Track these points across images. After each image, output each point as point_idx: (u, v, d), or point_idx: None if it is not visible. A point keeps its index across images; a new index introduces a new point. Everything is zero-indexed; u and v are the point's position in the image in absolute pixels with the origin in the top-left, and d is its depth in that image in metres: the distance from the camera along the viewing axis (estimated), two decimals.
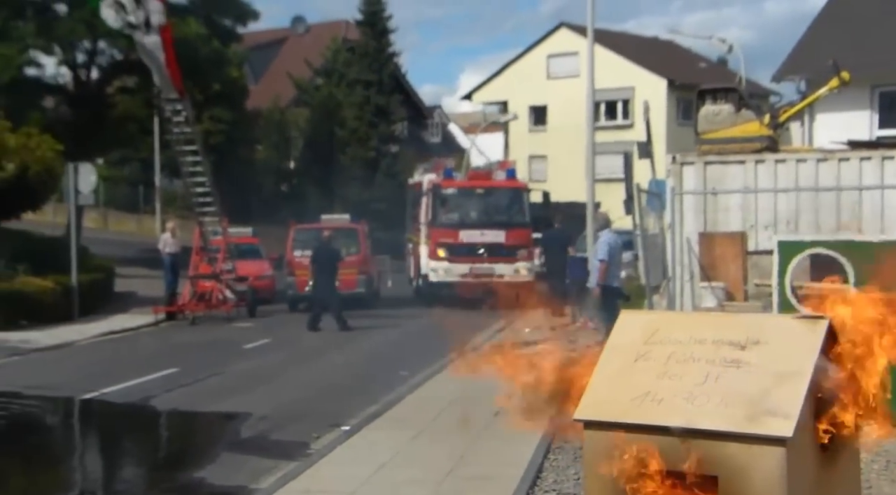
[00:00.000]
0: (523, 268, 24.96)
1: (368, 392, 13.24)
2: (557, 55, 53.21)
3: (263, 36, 51.85)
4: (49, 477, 10.15)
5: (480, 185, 26.13)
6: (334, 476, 8.74)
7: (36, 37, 31.22)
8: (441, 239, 25.34)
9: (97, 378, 14.84)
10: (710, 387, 4.63)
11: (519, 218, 25.69)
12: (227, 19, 36.36)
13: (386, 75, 47.83)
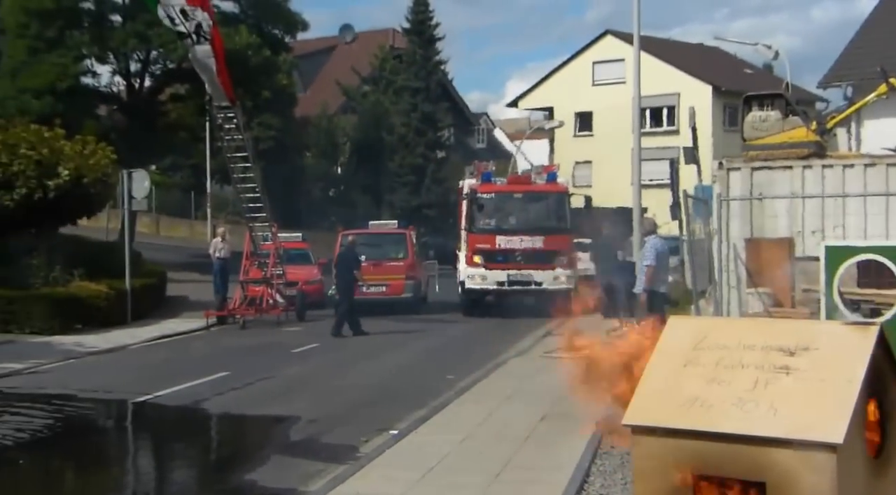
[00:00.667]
0: (563, 275, 23.74)
1: (416, 396, 13.26)
2: (603, 62, 53.03)
3: (312, 44, 52.26)
4: (103, 479, 10.28)
5: (519, 190, 25.07)
6: (383, 479, 8.77)
7: (91, 46, 31.74)
8: (478, 245, 24.34)
9: (150, 381, 15.01)
10: (760, 393, 4.60)
11: (559, 223, 24.49)
12: (278, 29, 36.72)
13: (433, 82, 47.97)
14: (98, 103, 35.94)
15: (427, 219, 44.89)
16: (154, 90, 35.64)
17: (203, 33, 20.07)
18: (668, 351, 5.28)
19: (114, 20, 33.60)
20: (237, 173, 23.24)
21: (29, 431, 11.76)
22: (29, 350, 18.33)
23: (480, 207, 24.51)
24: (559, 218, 24.54)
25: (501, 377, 14.55)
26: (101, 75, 34.93)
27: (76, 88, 31.91)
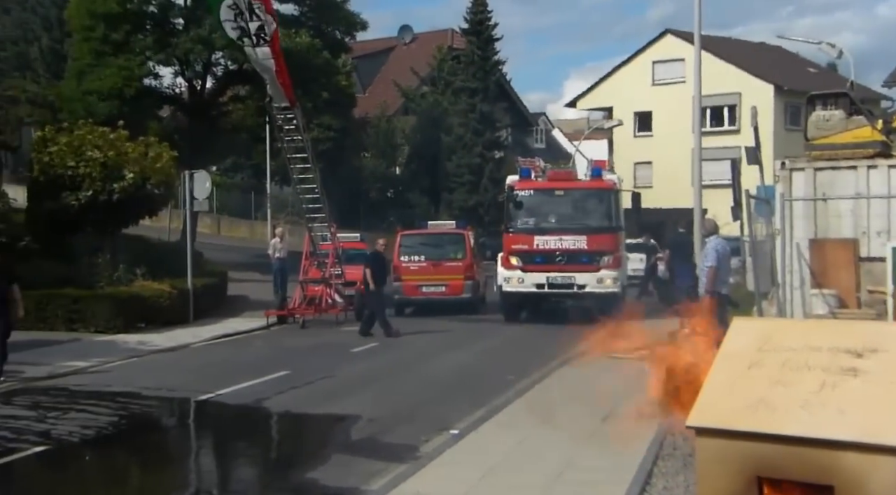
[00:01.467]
0: (609, 277, 22.13)
1: (475, 395, 13.29)
2: (663, 61, 52.69)
3: (371, 45, 52.55)
4: (166, 477, 10.44)
5: (559, 186, 23.26)
6: (444, 479, 8.82)
7: (155, 49, 32.24)
8: (514, 245, 22.86)
9: (212, 379, 15.22)
10: (827, 396, 4.56)
11: (603, 221, 22.75)
12: (337, 30, 36.98)
13: (491, 83, 47.94)
14: (160, 105, 36.49)
15: (485, 219, 44.86)
16: (215, 91, 36.09)
17: (264, 35, 20.29)
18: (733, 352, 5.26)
19: (176, 23, 34.08)
20: (297, 174, 23.45)
21: (95, 428, 12.00)
22: (94, 348, 18.69)
23: (517, 205, 23.07)
24: (604, 216, 22.84)
25: (562, 377, 14.51)
26: (163, 77, 35.48)
27: (139, 91, 32.43)
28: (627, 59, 55.53)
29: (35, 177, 23.58)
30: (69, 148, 22.91)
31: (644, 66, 54.05)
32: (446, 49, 50.06)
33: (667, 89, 51.56)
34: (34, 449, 10.77)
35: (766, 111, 44.08)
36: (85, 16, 32.51)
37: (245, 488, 9.94)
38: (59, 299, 21.11)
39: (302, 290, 23.81)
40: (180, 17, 33.97)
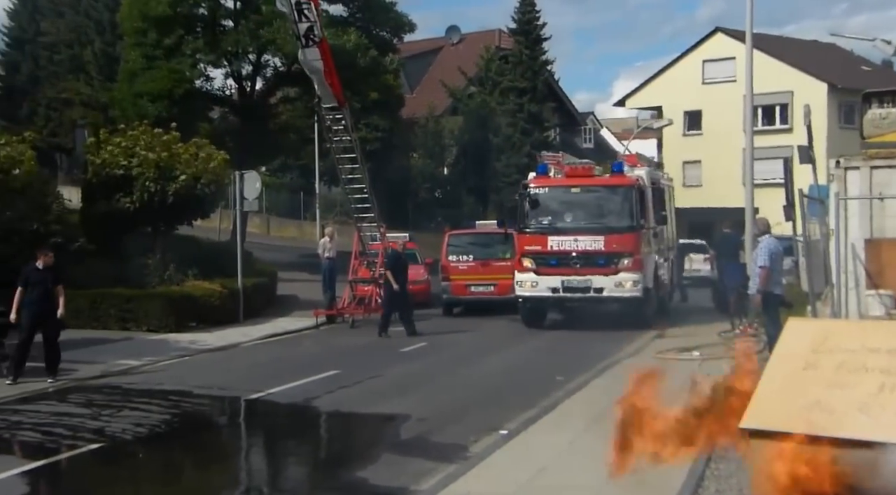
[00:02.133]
0: (629, 280, 20.70)
1: (524, 396, 13.26)
2: (713, 60, 52.24)
3: (419, 46, 52.63)
4: (217, 475, 10.55)
5: (576, 183, 21.76)
6: (494, 479, 8.81)
7: (206, 51, 32.55)
8: (527, 246, 21.55)
9: (262, 378, 15.34)
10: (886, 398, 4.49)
11: (623, 220, 21.10)
12: (385, 30, 37.08)
13: (539, 83, 47.81)
14: (211, 106, 36.84)
15: None
16: (265, 93, 36.33)
17: (313, 36, 20.43)
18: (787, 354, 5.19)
19: (226, 25, 34.38)
20: (345, 174, 23.57)
21: (147, 426, 12.15)
22: (146, 347, 18.93)
23: (531, 204, 21.62)
24: (624, 214, 21.17)
25: (612, 378, 14.41)
26: (214, 79, 35.80)
27: (191, 92, 32.76)
28: (677, 57, 55.09)
29: (89, 178, 23.94)
30: (122, 149, 23.22)
31: (694, 64, 53.58)
32: (494, 49, 49.98)
33: (717, 88, 51.11)
34: (89, 446, 10.94)
35: (819, 109, 43.49)
36: (136, 19, 32.89)
37: (295, 486, 10.00)
38: (113, 298, 21.42)
39: (351, 290, 23.91)
40: (229, 19, 34.26)
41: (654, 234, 22.84)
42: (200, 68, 33.97)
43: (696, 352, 16.43)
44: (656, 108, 54.11)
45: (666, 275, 24.34)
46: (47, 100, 42.95)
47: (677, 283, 27.11)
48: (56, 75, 43.39)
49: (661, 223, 23.01)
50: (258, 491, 9.95)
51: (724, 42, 51.75)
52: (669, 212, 25.48)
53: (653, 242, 22.46)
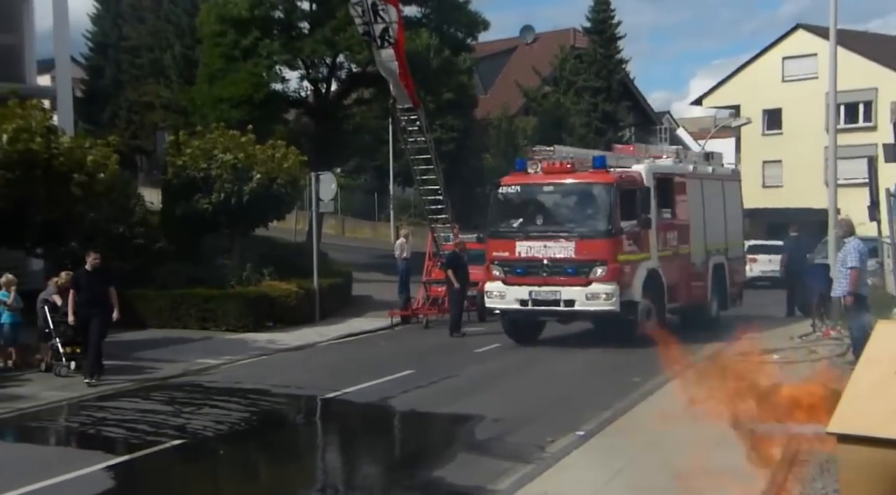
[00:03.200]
0: (602, 292, 18.09)
1: (601, 397, 13.19)
2: (794, 57, 51.28)
3: (492, 46, 52.60)
4: (295, 472, 10.67)
5: (550, 181, 19.04)
6: (571, 480, 8.78)
7: (282, 54, 32.95)
8: (496, 252, 19.23)
9: (338, 378, 15.49)
10: None
11: (597, 223, 18.51)
12: (459, 30, 37.11)
13: (614, 82, 47.49)
14: (287, 108, 37.28)
15: None
16: (340, 94, 36.64)
17: (388, 37, 20.54)
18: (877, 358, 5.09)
19: (302, 27, 34.76)
20: (419, 175, 23.65)
21: (227, 423, 12.36)
22: (224, 346, 19.24)
23: (501, 204, 19.37)
24: (599, 217, 18.54)
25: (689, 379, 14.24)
26: (289, 81, 36.23)
27: (268, 96, 33.20)
28: (756, 55, 54.20)
29: (169, 179, 24.40)
30: (201, 151, 23.62)
31: (774, 62, 52.67)
32: (569, 48, 49.76)
33: (798, 86, 50.18)
34: (172, 442, 11.18)
35: None
36: (215, 22, 33.45)
37: (372, 485, 10.07)
38: (192, 299, 21.82)
39: (425, 291, 24.01)
40: (305, 21, 34.63)
41: (667, 236, 19.80)
42: (277, 71, 34.41)
43: (776, 355, 16.16)
44: (734, 107, 53.31)
45: (707, 282, 21.23)
46: (129, 103, 43.88)
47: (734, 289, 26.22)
48: (137, 79, 44.30)
49: (645, 226, 18.81)
50: (335, 489, 10.05)
51: (804, 39, 50.80)
52: (708, 207, 21.50)
53: (654, 246, 19.25)
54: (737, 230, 23.46)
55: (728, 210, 22.56)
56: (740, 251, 23.99)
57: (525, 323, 19.64)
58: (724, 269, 22.11)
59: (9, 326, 16.37)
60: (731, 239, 22.82)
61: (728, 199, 22.70)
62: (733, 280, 22.77)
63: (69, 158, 17.34)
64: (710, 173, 22.45)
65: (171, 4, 44.07)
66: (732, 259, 22.72)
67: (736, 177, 24.51)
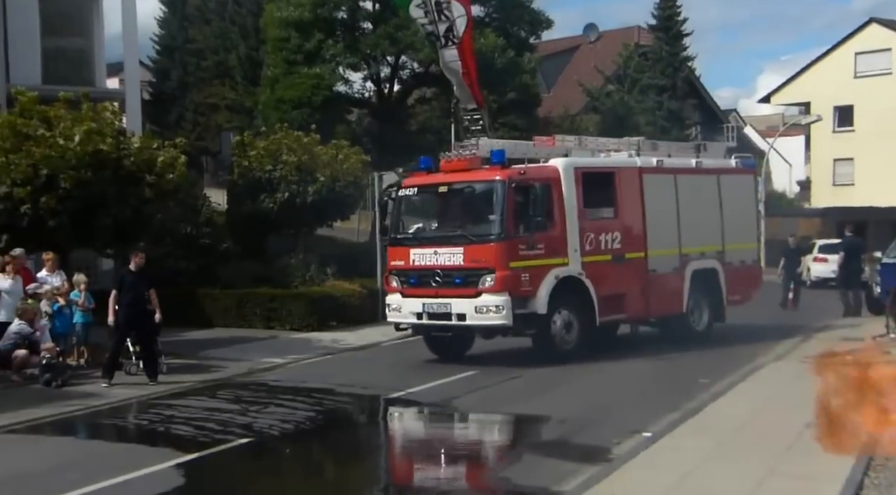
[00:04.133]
0: (491, 304, 16.23)
1: (668, 398, 13.07)
2: (866, 52, 50.30)
3: (555, 45, 52.48)
4: (360, 471, 10.74)
5: (444, 181, 17.55)
6: (639, 482, 8.73)
7: (345, 55, 33.21)
8: (393, 261, 17.80)
9: (402, 377, 15.58)
10: None
11: (485, 226, 16.80)
12: (522, 29, 37.08)
13: (679, 79, 47.07)
14: (349, 109, 37.54)
15: None
16: (403, 94, 36.81)
17: (453, 36, 20.59)
18: None
19: (365, 27, 34.99)
20: None
21: (293, 422, 12.51)
22: (289, 345, 19.45)
23: (398, 208, 17.94)
24: (488, 219, 16.83)
25: (758, 381, 14.10)
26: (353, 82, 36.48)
27: (330, 98, 33.48)
28: (827, 50, 53.27)
29: (234, 180, 24.73)
30: (266, 152, 23.92)
31: (845, 57, 51.68)
32: (633, 46, 49.43)
33: (871, 82, 49.23)
34: (239, 440, 11.34)
35: None
36: (278, 24, 33.81)
37: (437, 484, 10.11)
38: (257, 298, 22.11)
39: None
40: (368, 22, 34.85)
41: (600, 238, 17.57)
42: (340, 72, 34.68)
43: (848, 356, 15.89)
44: (804, 104, 52.48)
45: (682, 290, 18.86)
46: (194, 105, 44.49)
47: (785, 289, 25.63)
48: (203, 81, 44.88)
49: (539, 229, 16.63)
50: (399, 488, 10.11)
51: (878, 33, 49.85)
52: (686, 205, 18.98)
53: (576, 250, 17.08)
54: (745, 230, 20.59)
55: (729, 207, 19.84)
56: (751, 254, 20.86)
57: (460, 337, 17.56)
58: (717, 275, 19.53)
59: (80, 325, 16.74)
60: (734, 240, 20.00)
61: (729, 196, 19.92)
62: (737, 287, 19.94)
63: (138, 159, 17.70)
64: (690, 167, 19.63)
65: (235, 6, 44.60)
66: (736, 263, 19.98)
67: (745, 171, 21.23)
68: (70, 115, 17.38)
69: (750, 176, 21.49)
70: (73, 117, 17.31)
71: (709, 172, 19.86)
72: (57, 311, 16.48)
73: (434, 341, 17.96)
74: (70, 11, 25.90)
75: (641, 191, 18.36)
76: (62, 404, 13.71)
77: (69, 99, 18.03)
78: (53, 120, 17.24)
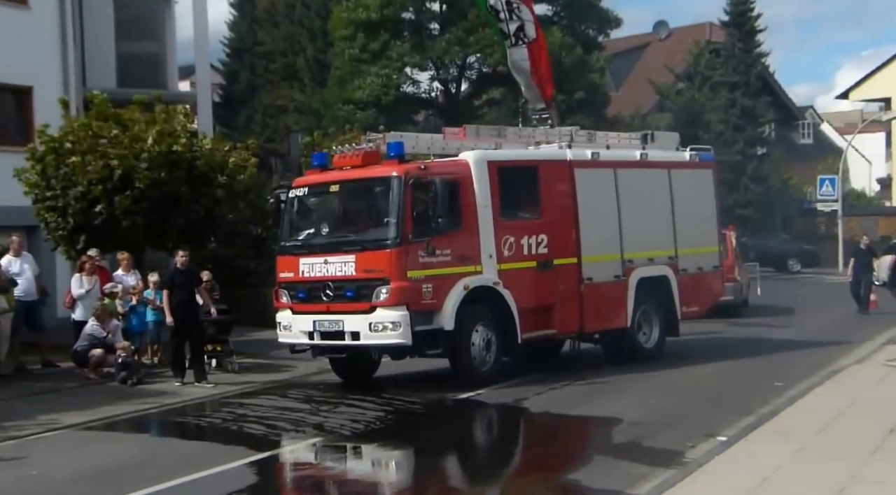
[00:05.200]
0: (386, 320, 13.97)
1: (742, 402, 12.88)
2: None
3: (625, 43, 52.14)
4: (428, 471, 10.74)
5: (333, 179, 15.29)
6: (714, 487, 8.60)
7: (412, 55, 33.37)
8: (282, 272, 15.28)
9: None
10: None
11: (379, 230, 14.45)
12: (591, 28, 36.93)
13: (753, 76, 46.49)
14: (417, 108, 37.70)
15: (746, 218, 43.59)
16: (470, 94, 36.90)
17: (523, 37, 20.54)
18: None
19: (432, 29, 35.13)
20: None
21: (363, 422, 12.57)
22: None
23: (288, 211, 15.53)
24: (381, 222, 14.50)
25: (837, 385, 13.81)
26: (420, 82, 36.64)
27: (398, 99, 33.66)
28: None
29: None
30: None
31: None
32: (704, 43, 48.94)
33: None
34: (310, 439, 11.46)
35: None
36: (346, 25, 34.10)
37: (506, 485, 10.09)
38: None
39: None
40: (435, 22, 34.99)
41: (521, 242, 15.28)
42: (407, 72, 34.85)
43: None
44: (884, 100, 51.34)
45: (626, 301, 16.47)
46: (263, 106, 45.02)
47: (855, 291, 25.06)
48: (271, 83, 45.38)
49: (444, 232, 14.31)
50: (468, 489, 10.10)
51: None
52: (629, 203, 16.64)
53: (492, 256, 14.83)
54: (703, 232, 18.03)
55: (683, 207, 17.44)
56: (710, 259, 18.21)
57: (367, 357, 15.12)
58: (670, 284, 17.18)
59: (153, 324, 17.03)
60: (689, 244, 17.52)
61: (683, 193, 17.53)
62: (693, 297, 17.66)
63: (210, 160, 17.96)
64: (633, 160, 17.17)
65: (303, 9, 45.01)
66: (692, 270, 17.57)
67: (702, 165, 18.46)
68: (143, 117, 17.73)
69: (709, 171, 18.54)
70: (146, 119, 17.65)
71: (657, 166, 17.36)
72: (131, 310, 16.83)
73: (335, 363, 15.70)
74: (143, 17, 26.44)
75: (573, 188, 15.99)
76: (137, 402, 13.99)
77: (143, 102, 18.39)
78: (128, 122, 17.59)
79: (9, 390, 15.10)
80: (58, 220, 17.56)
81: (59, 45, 22.77)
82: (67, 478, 9.90)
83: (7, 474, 10.14)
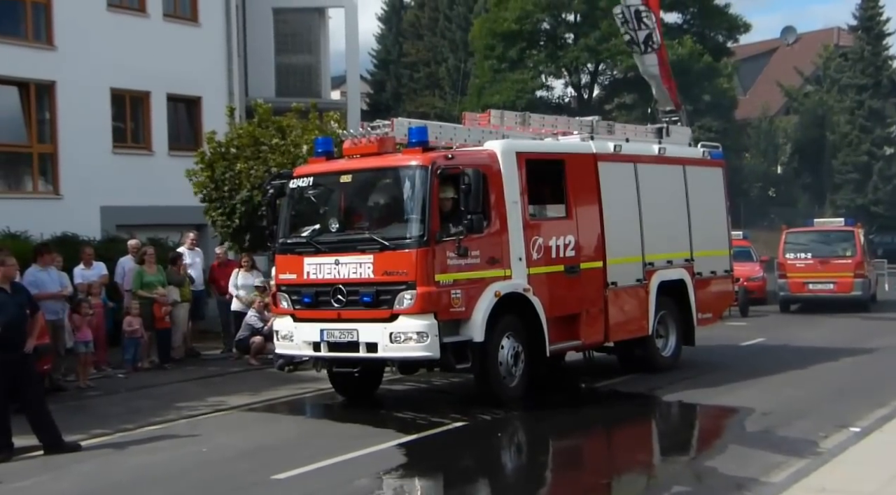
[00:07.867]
0: (411, 330, 11.43)
1: (875, 394, 12.32)
2: None
3: (753, 48, 50.82)
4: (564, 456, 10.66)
5: (347, 168, 12.67)
6: (850, 477, 8.20)
7: (547, 63, 33.20)
8: (282, 274, 12.67)
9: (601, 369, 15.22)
10: None
11: (402, 226, 11.80)
12: (720, 34, 36.08)
13: (883, 78, 44.72)
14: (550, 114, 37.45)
15: (875, 216, 41.96)
16: (602, 99, 36.47)
17: (652, 44, 20.18)
18: None
19: (566, 37, 34.85)
20: None
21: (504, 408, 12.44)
22: None
23: (293, 205, 12.86)
24: (403, 217, 11.90)
25: None
26: (554, 89, 36.44)
27: (533, 103, 33.52)
28: None
29: None
30: None
31: None
32: (832, 47, 47.31)
33: None
34: (455, 423, 11.43)
35: None
36: (486, 36, 34.14)
37: (643, 470, 9.85)
38: None
39: None
40: (570, 32, 34.70)
41: (550, 243, 12.87)
42: (542, 79, 34.66)
43: None
44: None
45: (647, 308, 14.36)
46: (407, 114, 45.56)
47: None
48: (415, 92, 45.92)
49: (474, 230, 11.60)
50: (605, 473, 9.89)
51: None
52: (649, 201, 14.47)
53: (522, 259, 12.39)
54: (715, 234, 16.06)
55: (697, 206, 15.43)
56: (722, 263, 16.19)
57: (371, 370, 12.90)
58: (687, 289, 15.16)
59: None
60: (704, 246, 15.53)
61: (697, 192, 15.51)
62: (708, 303, 15.70)
63: None
64: (652, 154, 14.94)
65: (446, 21, 45.34)
66: (706, 274, 15.63)
67: (713, 162, 16.39)
68: (300, 124, 18.06)
69: (718, 169, 16.40)
70: (302, 126, 17.97)
71: (673, 162, 15.25)
72: None
73: (338, 378, 13.27)
74: (300, 31, 27.04)
75: (597, 184, 13.71)
76: (295, 386, 14.23)
77: (300, 109, 18.74)
78: (286, 129, 17.95)
79: (182, 373, 15.63)
80: (225, 221, 18.06)
81: (224, 58, 23.49)
82: (233, 455, 10.13)
83: (182, 450, 10.46)
